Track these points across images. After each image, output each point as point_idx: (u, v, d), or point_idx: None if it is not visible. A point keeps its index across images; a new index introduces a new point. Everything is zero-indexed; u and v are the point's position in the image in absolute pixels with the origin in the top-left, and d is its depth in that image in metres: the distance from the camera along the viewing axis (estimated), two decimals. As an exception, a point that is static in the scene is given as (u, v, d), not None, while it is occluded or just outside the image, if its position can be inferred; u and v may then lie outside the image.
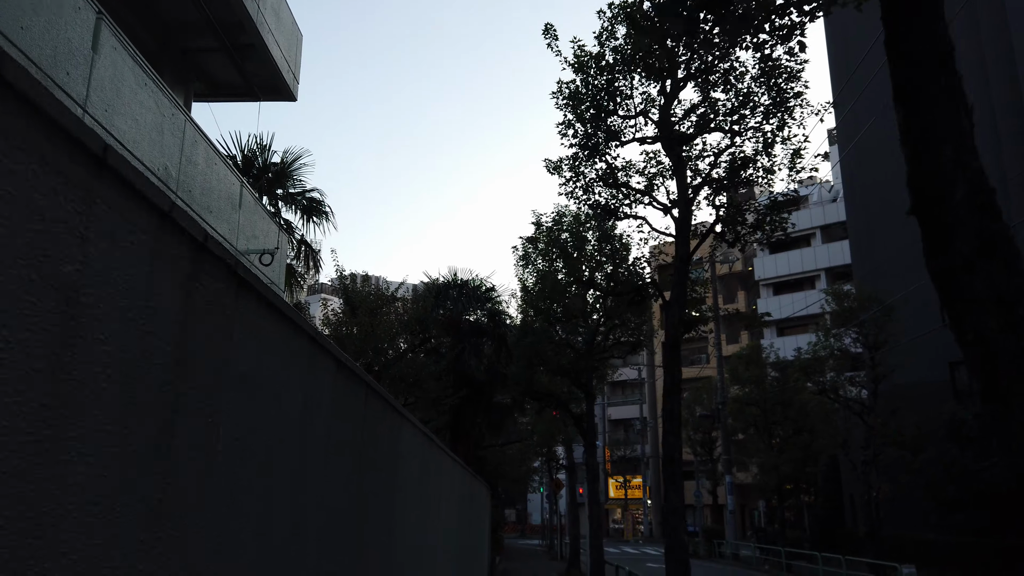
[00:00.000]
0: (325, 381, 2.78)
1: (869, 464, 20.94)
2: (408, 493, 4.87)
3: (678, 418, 9.37)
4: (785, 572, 25.78)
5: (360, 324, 17.37)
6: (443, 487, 7.46)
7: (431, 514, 6.31)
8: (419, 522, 5.51)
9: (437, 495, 6.72)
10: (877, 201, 26.45)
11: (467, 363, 20.36)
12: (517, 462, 34.02)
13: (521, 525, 63.85)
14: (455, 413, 21.31)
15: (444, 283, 21.41)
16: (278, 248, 12.08)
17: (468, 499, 11.10)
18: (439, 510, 7.02)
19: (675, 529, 8.96)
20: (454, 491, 8.79)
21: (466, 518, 11.15)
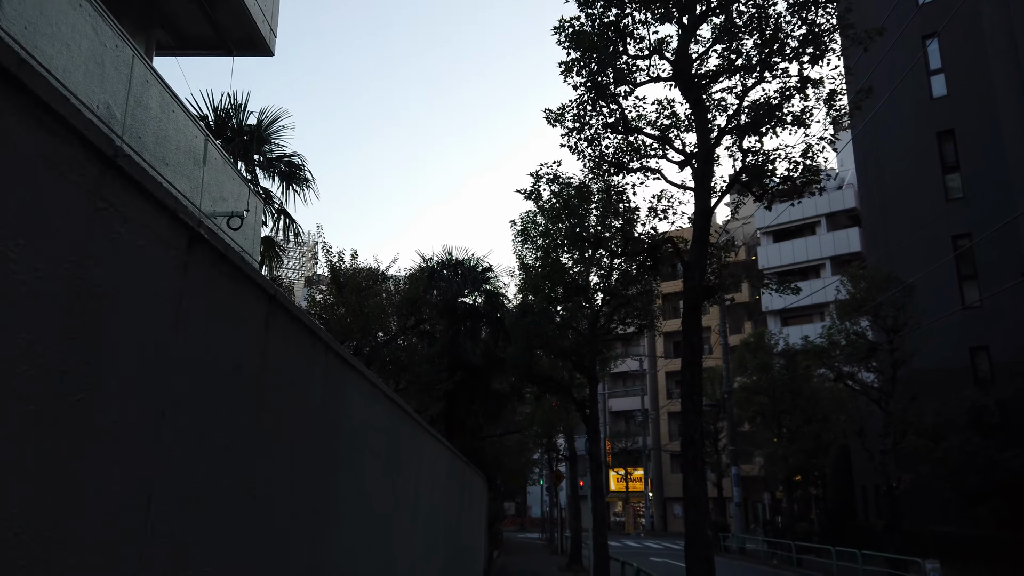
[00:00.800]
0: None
1: (887, 453, 19.68)
2: (363, 475, 3.59)
3: (699, 392, 8.08)
4: (795, 567, 24.55)
5: (348, 304, 16.15)
6: (425, 472, 6.21)
7: (406, 503, 5.07)
8: (385, 512, 4.24)
9: (413, 480, 5.46)
10: (892, 181, 25.16)
11: (462, 346, 19.10)
12: (516, 453, 32.76)
13: (521, 518, 62.69)
14: (449, 400, 20.04)
15: (438, 263, 20.13)
16: (248, 210, 10.79)
17: (460, 489, 9.88)
18: (419, 499, 5.77)
19: (697, 524, 7.69)
20: (441, 478, 7.55)
21: (458, 510, 9.92)
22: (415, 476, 5.62)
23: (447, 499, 8.39)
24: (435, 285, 20.40)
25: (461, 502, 9.79)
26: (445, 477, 8.20)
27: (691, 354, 8.19)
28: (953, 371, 22.70)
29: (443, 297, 20.43)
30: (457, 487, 9.42)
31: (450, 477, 8.49)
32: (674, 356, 56.75)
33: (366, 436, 3.75)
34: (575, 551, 22.56)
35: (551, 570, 21.54)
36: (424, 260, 19.88)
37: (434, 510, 7.06)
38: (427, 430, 6.73)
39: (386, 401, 4.50)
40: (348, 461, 3.26)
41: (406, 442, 5.19)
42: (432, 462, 6.94)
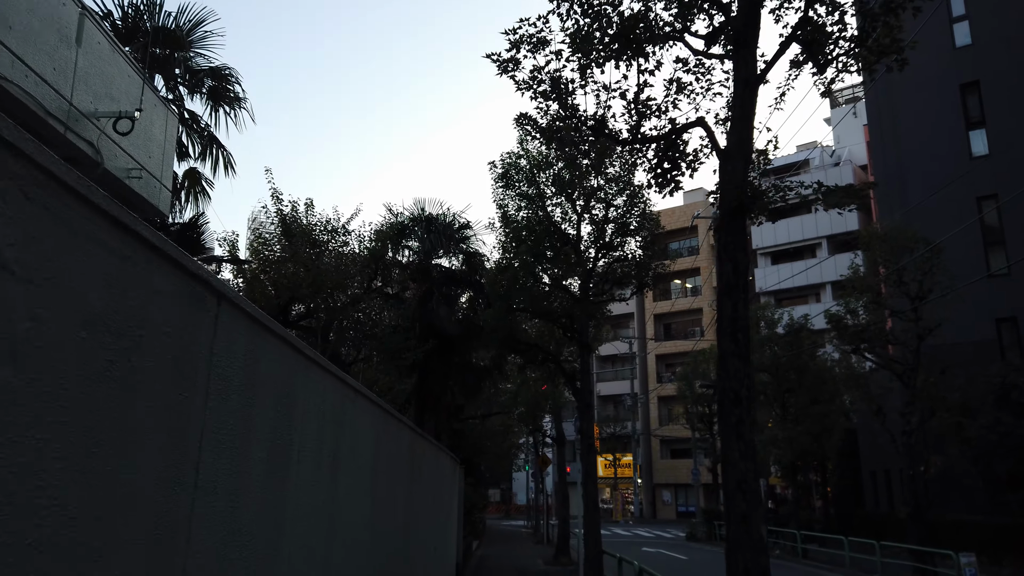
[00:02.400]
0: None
1: (911, 434, 17.43)
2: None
3: (744, 329, 5.67)
4: (800, 558, 22.36)
5: (302, 260, 13.63)
6: (361, 449, 4.44)
7: (322, 484, 3.43)
8: (279, 495, 1.90)
9: (331, 452, 3.20)
10: (910, 139, 22.83)
11: (435, 312, 16.60)
12: (500, 437, 30.37)
13: (506, 505, 60.49)
14: (422, 375, 17.58)
15: (409, 218, 17.57)
16: (141, 110, 8.24)
17: (420, 472, 7.49)
18: (344, 481, 3.62)
19: (745, 518, 5.24)
20: (384, 456, 5.18)
21: (420, 497, 7.50)
22: (335, 448, 3.34)
23: (401, 483, 5.99)
24: (405, 244, 17.87)
25: (423, 487, 7.35)
26: (395, 455, 5.80)
27: (734, 276, 5.76)
28: (978, 344, 20.47)
29: (415, 258, 17.91)
30: (417, 469, 6.98)
31: (403, 456, 6.09)
32: (664, 339, 54.50)
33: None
34: (562, 541, 20.22)
35: (535, 564, 19.19)
36: (393, 215, 17.33)
37: (377, 493, 4.71)
38: (360, 392, 4.37)
39: (277, 341, 2.26)
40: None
41: (313, 400, 2.92)
42: (372, 433, 4.65)
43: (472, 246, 17.81)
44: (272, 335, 2.64)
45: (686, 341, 52.44)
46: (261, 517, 2.58)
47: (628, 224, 14.40)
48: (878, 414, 18.77)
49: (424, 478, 7.93)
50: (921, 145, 22.39)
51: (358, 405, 4.43)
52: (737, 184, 5.77)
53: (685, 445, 51.42)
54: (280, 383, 2.78)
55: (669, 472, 51.11)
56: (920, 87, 22.71)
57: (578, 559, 17.79)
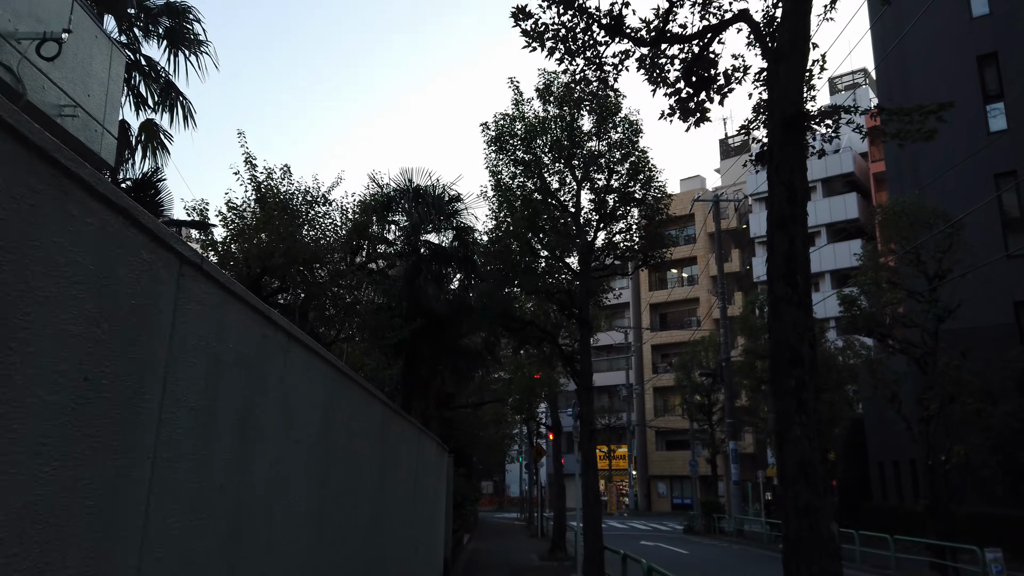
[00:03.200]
0: None
1: (928, 421, 16.31)
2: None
3: (804, 270, 4.38)
4: (806, 552, 21.27)
5: (276, 229, 12.40)
6: (301, 417, 3.45)
7: (215, 456, 2.23)
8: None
9: (238, 412, 1.99)
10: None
11: (423, 290, 15.36)
12: (493, 427, 29.18)
13: (499, 498, 59.41)
14: (409, 358, 16.35)
15: (395, 190, 16.28)
16: (70, 31, 6.97)
17: (397, 457, 6.33)
18: (265, 455, 2.83)
19: (808, 510, 3.98)
20: (342, 430, 3.99)
21: (397, 486, 6.34)
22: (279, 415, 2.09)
23: (345, 466, 4.81)
24: (391, 220, 16.61)
25: (388, 475, 6.15)
26: (364, 432, 4.61)
27: (789, 205, 4.52)
28: (996, 328, 19.38)
29: (402, 234, 16.66)
30: (374, 452, 5.77)
31: (356, 435, 4.90)
32: (659, 328, 53.40)
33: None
34: (558, 535, 19.06)
35: (530, 559, 18.04)
36: (378, 186, 16.01)
37: (344, 476, 3.54)
38: (313, 350, 3.17)
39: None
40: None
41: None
42: (332, 405, 3.43)
43: (464, 220, 16.57)
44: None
45: (683, 331, 51.34)
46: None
47: (632, 193, 13.18)
48: (893, 400, 17.64)
49: (403, 464, 6.74)
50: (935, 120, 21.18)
51: (294, 358, 3.21)
52: (795, 87, 4.57)
53: (681, 436, 50.38)
54: (102, 268, 1.56)
55: (664, 464, 50.09)
56: (934, 59, 21.55)
57: (575, 554, 16.64)
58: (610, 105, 13.18)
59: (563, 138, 13.30)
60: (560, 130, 13.36)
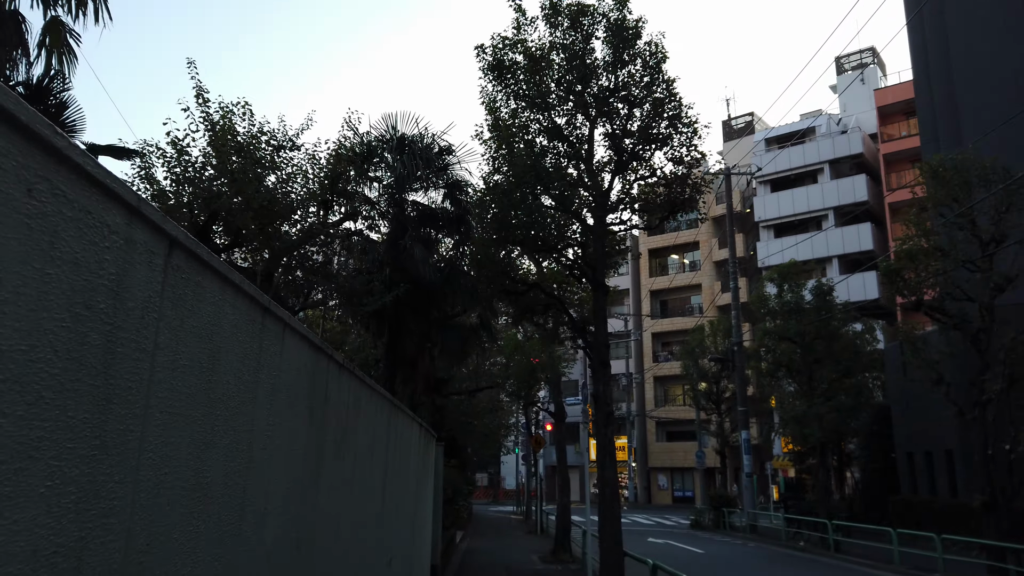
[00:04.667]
0: None
1: (984, 407, 14.21)
2: None
3: None
4: (832, 551, 19.19)
5: (232, 175, 10.23)
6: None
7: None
8: None
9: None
10: (966, 66, 19.46)
11: (409, 253, 13.13)
12: (489, 415, 26.99)
13: (494, 490, 57.33)
14: (393, 332, 14.13)
15: (377, 139, 14.02)
16: None
17: (353, 436, 4.22)
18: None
19: None
20: (237, 382, 1.74)
21: (358, 479, 4.17)
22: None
23: (325, 446, 2.68)
24: (373, 176, 14.35)
25: (336, 466, 3.95)
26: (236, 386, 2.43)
27: None
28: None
29: (386, 192, 14.41)
30: (310, 428, 3.58)
31: (272, 394, 2.76)
32: (660, 316, 51.28)
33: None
34: (562, 534, 16.89)
35: (529, 561, 15.88)
36: (356, 134, 13.71)
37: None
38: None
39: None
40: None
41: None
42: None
43: (456, 175, 14.33)
44: None
45: (685, 318, 49.24)
46: None
47: (655, 133, 10.95)
48: (939, 383, 15.51)
49: (363, 449, 4.57)
50: (978, 73, 19.05)
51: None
52: None
53: (682, 427, 48.31)
54: None
55: (665, 455, 48.04)
56: (977, 5, 19.37)
57: (583, 556, 14.48)
58: (628, 29, 10.96)
59: (572, 69, 11.07)
60: (568, 62, 11.13)
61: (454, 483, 15.99)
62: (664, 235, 52.19)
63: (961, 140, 19.04)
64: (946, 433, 19.65)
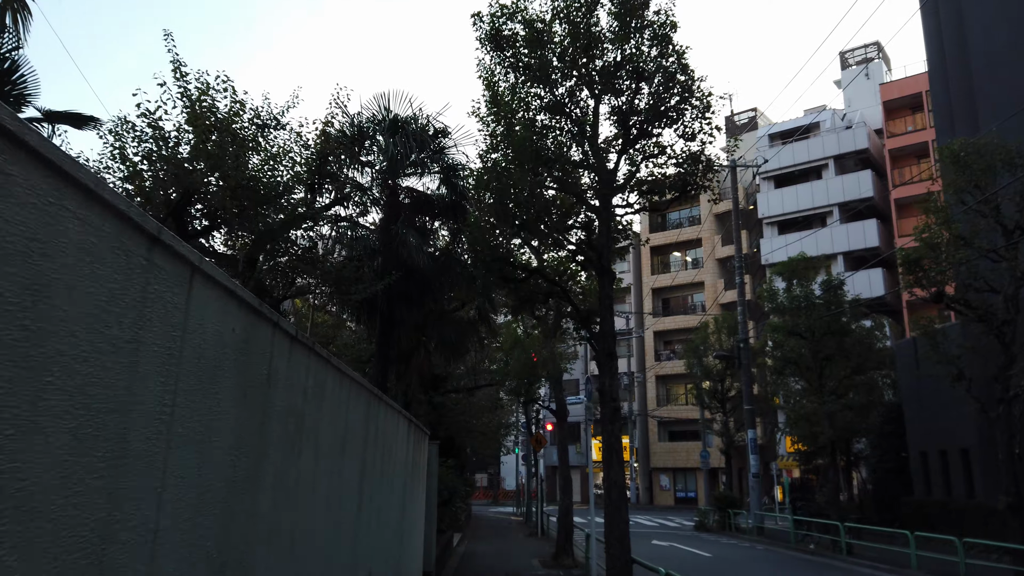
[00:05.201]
0: None
1: (1010, 403, 13.42)
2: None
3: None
4: (845, 555, 18.38)
5: (210, 154, 9.47)
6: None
7: None
8: None
9: None
10: (983, 45, 18.63)
11: (403, 240, 12.34)
12: (488, 413, 26.18)
13: (494, 491, 56.51)
14: (385, 323, 13.33)
15: (369, 120, 13.23)
16: None
17: (338, 432, 3.44)
18: None
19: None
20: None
21: (317, 477, 3.35)
22: None
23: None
24: (365, 160, 13.56)
25: (271, 463, 3.17)
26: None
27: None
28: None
29: (379, 177, 13.61)
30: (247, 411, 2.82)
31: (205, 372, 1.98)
32: (662, 314, 50.48)
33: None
34: (564, 537, 16.09)
35: (530, 566, 15.07)
36: (345, 113, 12.90)
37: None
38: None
39: None
40: None
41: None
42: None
43: (452, 158, 13.53)
44: None
45: (687, 316, 48.45)
46: None
47: (664, 109, 10.15)
48: (960, 379, 14.72)
49: (333, 444, 3.80)
50: (996, 56, 18.23)
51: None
52: None
53: (685, 427, 47.49)
54: None
55: (667, 456, 47.20)
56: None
57: (587, 563, 13.69)
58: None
59: (577, 39, 10.27)
60: (571, 33, 10.33)
61: (451, 484, 15.19)
62: (666, 232, 51.39)
63: (978, 127, 18.24)
64: (963, 431, 18.85)
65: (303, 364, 3.21)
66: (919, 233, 14.39)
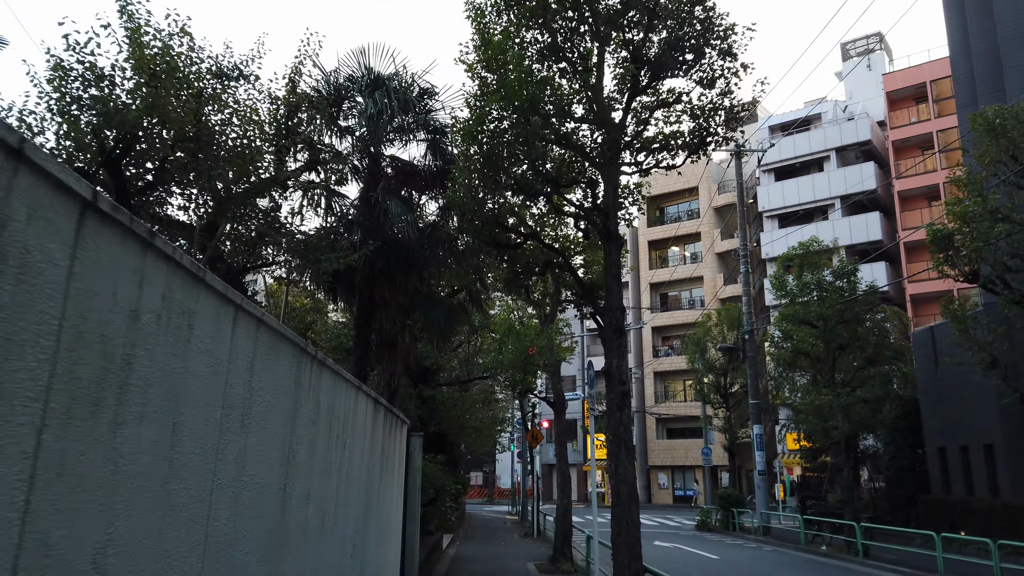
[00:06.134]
0: None
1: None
2: None
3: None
4: (860, 557, 17.03)
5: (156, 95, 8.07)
6: None
7: None
8: None
9: None
10: (1012, 16, 17.32)
11: (384, 209, 10.94)
12: (482, 406, 24.79)
13: (489, 489, 55.11)
14: (365, 303, 11.94)
15: (348, 78, 11.82)
16: None
17: (224, 393, 2.10)
18: None
19: None
20: None
21: (237, 455, 1.86)
22: None
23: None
24: (344, 125, 12.16)
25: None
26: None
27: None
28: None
29: (359, 143, 12.20)
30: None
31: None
32: (661, 309, 49.16)
33: None
34: (562, 539, 14.70)
35: (526, 570, 13.66)
36: (320, 70, 11.49)
37: None
38: None
39: None
40: None
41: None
42: None
43: (439, 121, 12.12)
44: None
45: (686, 312, 47.17)
46: None
47: (678, 54, 8.76)
48: (994, 367, 13.38)
49: (209, 413, 2.42)
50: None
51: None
52: None
53: (683, 424, 46.15)
54: None
55: (665, 453, 45.85)
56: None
57: (587, 568, 12.30)
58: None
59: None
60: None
61: (438, 481, 13.79)
62: (664, 226, 50.08)
63: (1005, 98, 16.92)
64: (986, 425, 17.53)
65: (128, 264, 1.83)
66: (951, 207, 13.03)
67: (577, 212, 9.05)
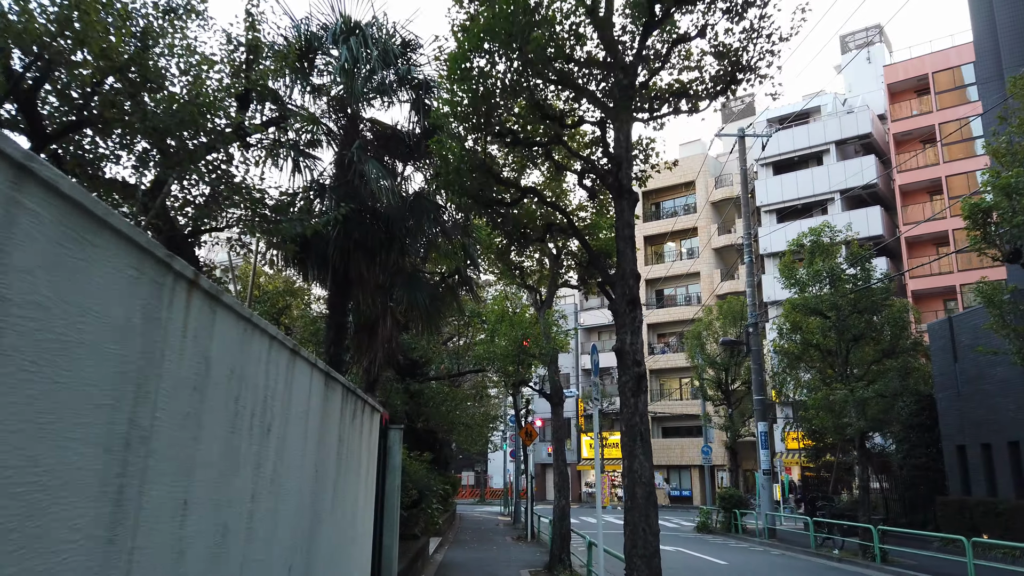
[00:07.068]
0: None
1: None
2: None
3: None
4: (878, 563, 15.73)
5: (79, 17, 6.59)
6: None
7: None
8: None
9: None
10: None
11: (358, 170, 9.56)
12: (474, 401, 23.41)
13: (480, 489, 53.69)
14: (339, 279, 10.54)
15: (321, 26, 10.43)
16: None
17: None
18: None
19: None
20: None
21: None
22: None
23: None
24: (316, 84, 10.76)
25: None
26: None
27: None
28: None
29: (335, 104, 10.81)
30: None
31: None
32: (656, 306, 47.89)
33: None
34: (559, 544, 13.31)
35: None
36: (290, 18, 10.08)
37: None
38: None
39: None
40: None
41: None
42: None
43: (424, 75, 10.74)
44: None
45: (682, 308, 45.94)
46: None
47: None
48: (1021, 355, 12.12)
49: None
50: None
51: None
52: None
53: (680, 423, 44.94)
54: None
55: (661, 453, 44.55)
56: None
57: (587, 574, 10.92)
58: None
59: None
60: None
61: (423, 481, 12.38)
62: (660, 221, 48.86)
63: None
64: (1011, 422, 16.28)
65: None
66: (990, 178, 11.73)
67: (583, 167, 7.68)
